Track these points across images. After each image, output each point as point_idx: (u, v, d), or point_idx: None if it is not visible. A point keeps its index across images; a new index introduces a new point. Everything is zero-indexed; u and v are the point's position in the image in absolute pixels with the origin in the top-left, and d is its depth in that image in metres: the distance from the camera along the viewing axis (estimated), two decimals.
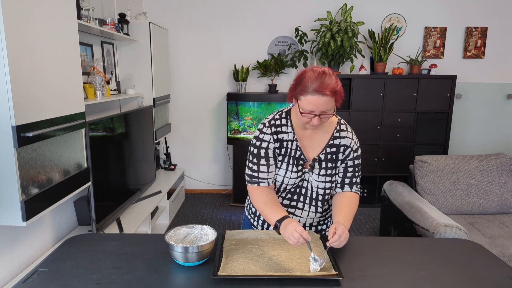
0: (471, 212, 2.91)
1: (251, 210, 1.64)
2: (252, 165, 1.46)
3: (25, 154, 1.56)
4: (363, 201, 4.25)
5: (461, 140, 4.62)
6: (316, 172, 1.46)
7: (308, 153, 1.47)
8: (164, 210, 3.66)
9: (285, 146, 1.45)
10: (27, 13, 1.52)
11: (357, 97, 4.02)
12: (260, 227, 1.61)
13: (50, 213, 2.27)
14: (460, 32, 4.36)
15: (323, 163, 1.47)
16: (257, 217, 1.61)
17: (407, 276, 1.25)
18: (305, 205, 1.51)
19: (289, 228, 1.27)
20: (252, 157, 1.47)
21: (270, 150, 1.44)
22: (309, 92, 1.30)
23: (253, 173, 1.46)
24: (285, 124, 1.47)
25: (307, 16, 4.31)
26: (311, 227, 1.59)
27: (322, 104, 1.30)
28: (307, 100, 1.31)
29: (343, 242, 1.30)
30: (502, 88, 4.50)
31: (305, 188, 1.50)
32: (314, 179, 1.48)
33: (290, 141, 1.46)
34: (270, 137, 1.44)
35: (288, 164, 1.45)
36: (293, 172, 1.45)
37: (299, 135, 1.47)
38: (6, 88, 1.41)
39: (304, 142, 1.47)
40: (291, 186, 1.49)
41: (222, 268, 1.23)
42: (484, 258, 1.40)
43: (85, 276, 1.21)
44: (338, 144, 1.48)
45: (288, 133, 1.46)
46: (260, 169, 1.45)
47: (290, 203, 1.51)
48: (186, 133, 4.61)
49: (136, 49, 3.53)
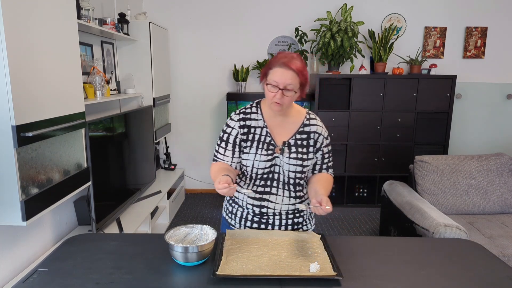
0: (471, 212, 2.91)
1: (228, 210, 1.68)
2: (216, 147, 1.61)
3: (25, 154, 1.56)
4: (363, 201, 4.26)
5: (461, 140, 4.62)
6: (286, 156, 1.53)
7: (278, 139, 1.55)
8: (164, 210, 3.66)
9: (253, 132, 1.55)
10: (27, 13, 1.52)
11: (357, 97, 4.02)
12: (237, 225, 1.64)
13: (50, 213, 2.27)
14: (460, 32, 4.36)
15: (292, 147, 1.54)
16: (234, 215, 1.65)
17: (407, 276, 1.25)
18: (278, 190, 1.56)
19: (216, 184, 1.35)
20: (218, 140, 1.61)
21: (232, 136, 1.55)
22: (276, 65, 1.43)
23: (215, 153, 1.61)
24: (255, 112, 1.58)
25: (307, 16, 4.31)
26: (288, 218, 1.60)
27: (287, 77, 1.41)
28: (274, 72, 1.43)
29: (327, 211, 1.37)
30: (502, 88, 4.50)
31: (278, 173, 1.55)
32: (285, 162, 1.53)
33: (259, 127, 1.55)
34: (235, 123, 1.56)
35: (257, 149, 1.53)
36: (262, 155, 1.52)
37: (269, 123, 1.56)
38: (6, 88, 1.41)
39: (274, 129, 1.56)
40: (262, 170, 1.54)
41: (221, 268, 1.23)
42: (484, 258, 1.40)
43: (85, 276, 1.21)
44: (309, 131, 1.58)
45: (257, 120, 1.56)
46: (219, 150, 1.59)
47: (264, 189, 1.56)
48: (186, 133, 4.61)
49: (136, 49, 3.53)
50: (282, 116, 1.55)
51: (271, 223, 1.58)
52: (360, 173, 4.19)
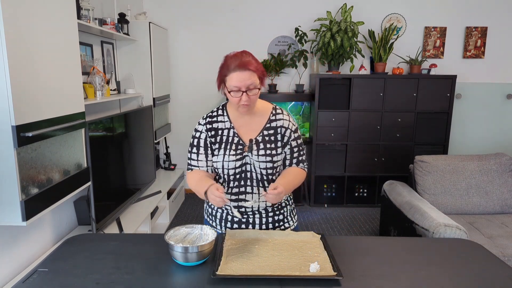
0: (470, 212, 2.91)
1: (208, 212, 1.69)
2: (189, 154, 1.60)
3: (25, 154, 1.56)
4: (363, 201, 4.26)
5: (461, 140, 4.62)
6: (255, 153, 1.53)
7: (245, 138, 1.56)
8: (164, 210, 3.66)
9: (221, 134, 1.56)
10: (27, 13, 1.52)
11: (357, 97, 4.01)
12: (218, 226, 1.64)
13: (50, 213, 2.27)
14: (460, 32, 4.36)
15: (261, 144, 1.54)
16: (214, 217, 1.65)
17: (407, 276, 1.25)
18: (253, 188, 1.56)
19: (210, 197, 1.37)
20: (190, 147, 1.60)
21: (202, 140, 1.57)
22: (231, 70, 1.43)
23: (189, 161, 1.60)
24: (221, 114, 1.59)
25: (307, 16, 4.31)
26: (268, 216, 1.60)
27: (245, 78, 1.42)
28: (231, 78, 1.43)
29: (276, 199, 1.39)
30: (502, 88, 4.50)
31: (249, 171, 1.56)
32: (255, 160, 1.54)
33: (226, 129, 1.57)
34: (203, 127, 1.57)
35: (225, 149, 1.54)
36: (231, 156, 1.53)
37: (236, 124, 1.57)
38: (6, 88, 1.41)
39: (241, 129, 1.57)
40: (233, 170, 1.54)
41: (221, 268, 1.23)
42: (484, 258, 1.40)
43: (85, 276, 1.21)
44: (275, 126, 1.58)
45: (224, 122, 1.57)
46: (192, 157, 1.58)
47: (239, 190, 1.57)
48: (186, 133, 4.60)
49: (136, 49, 3.53)
50: (248, 115, 1.56)
51: (251, 222, 1.59)
52: (360, 173, 4.19)
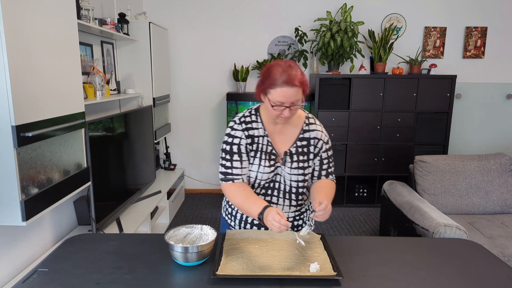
0: (470, 212, 2.91)
1: (228, 211, 1.66)
2: (226, 162, 1.48)
3: (25, 154, 1.56)
4: (363, 201, 4.25)
5: (461, 140, 4.62)
6: (288, 166, 1.49)
7: (279, 147, 1.51)
8: (164, 210, 3.66)
9: (256, 142, 1.49)
10: (27, 13, 1.52)
11: (357, 97, 4.02)
12: (237, 226, 1.62)
13: (50, 213, 2.27)
14: (460, 32, 4.36)
15: (294, 156, 1.50)
16: (234, 217, 1.62)
17: (407, 276, 1.25)
18: (279, 199, 1.53)
19: (268, 219, 1.31)
20: (225, 154, 1.49)
21: (242, 146, 1.47)
22: (278, 85, 1.35)
23: (227, 170, 1.48)
24: (255, 120, 1.51)
25: (307, 16, 4.31)
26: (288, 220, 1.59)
27: (292, 95, 1.35)
28: (277, 92, 1.35)
29: (327, 215, 1.34)
30: (502, 88, 4.50)
31: (279, 182, 1.52)
32: (286, 172, 1.50)
33: (260, 136, 1.49)
34: (241, 133, 1.48)
35: (260, 160, 1.48)
36: (265, 167, 1.48)
37: (269, 130, 1.50)
38: (6, 88, 1.41)
39: (275, 137, 1.51)
40: (265, 181, 1.50)
41: (221, 267, 1.23)
42: (484, 258, 1.40)
43: (85, 276, 1.21)
44: (309, 137, 1.53)
45: (258, 129, 1.50)
46: (233, 165, 1.47)
47: (264, 198, 1.53)
48: (186, 133, 4.61)
49: (136, 49, 3.53)
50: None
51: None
52: (360, 173, 4.19)
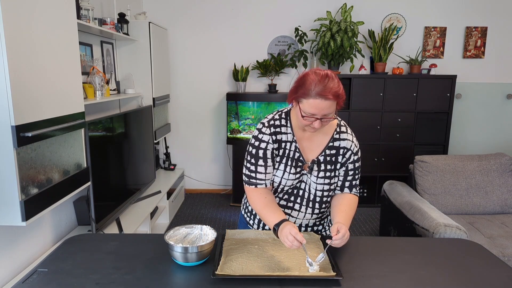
0: (471, 212, 2.91)
1: (248, 209, 1.63)
2: (250, 165, 1.44)
3: (24, 154, 1.56)
4: (363, 201, 4.25)
5: (461, 140, 4.62)
6: (314, 174, 1.44)
7: (307, 154, 1.45)
8: (164, 210, 3.66)
9: (284, 147, 1.43)
10: (27, 12, 1.52)
11: (357, 97, 4.01)
12: (256, 225, 1.60)
13: (50, 213, 2.27)
14: (460, 32, 4.36)
15: (322, 165, 1.44)
16: (253, 216, 1.60)
17: (407, 276, 1.25)
18: (301, 207, 1.50)
19: (284, 231, 1.27)
20: (250, 157, 1.44)
21: (269, 151, 1.42)
22: (311, 96, 1.28)
23: (251, 174, 1.44)
24: (284, 124, 1.44)
25: (307, 16, 4.31)
26: (307, 227, 1.58)
27: (324, 108, 1.28)
28: (310, 103, 1.29)
29: (344, 241, 1.30)
30: (502, 88, 4.50)
31: (303, 189, 1.48)
32: (312, 181, 1.46)
33: (289, 142, 1.43)
34: (269, 137, 1.42)
35: (286, 165, 1.43)
36: (291, 174, 1.43)
37: (298, 136, 1.44)
38: (6, 88, 1.41)
39: (303, 143, 1.45)
40: (289, 187, 1.47)
41: (220, 267, 1.23)
42: (484, 258, 1.40)
43: (84, 276, 1.21)
44: (338, 146, 1.46)
45: (287, 134, 1.43)
46: (258, 170, 1.43)
47: (286, 204, 1.50)
48: (185, 133, 4.61)
49: (135, 49, 3.53)
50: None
51: None
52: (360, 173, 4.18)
